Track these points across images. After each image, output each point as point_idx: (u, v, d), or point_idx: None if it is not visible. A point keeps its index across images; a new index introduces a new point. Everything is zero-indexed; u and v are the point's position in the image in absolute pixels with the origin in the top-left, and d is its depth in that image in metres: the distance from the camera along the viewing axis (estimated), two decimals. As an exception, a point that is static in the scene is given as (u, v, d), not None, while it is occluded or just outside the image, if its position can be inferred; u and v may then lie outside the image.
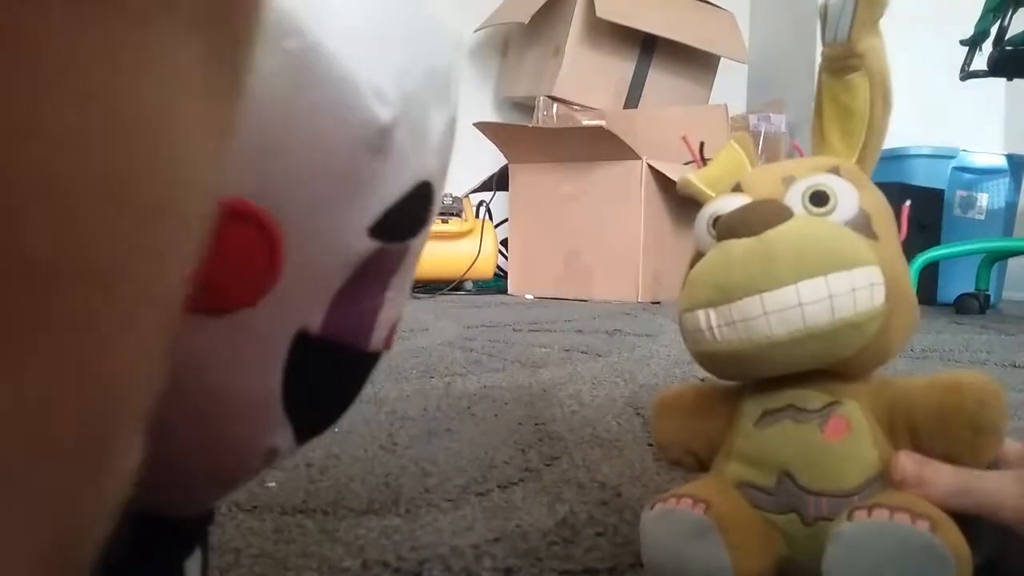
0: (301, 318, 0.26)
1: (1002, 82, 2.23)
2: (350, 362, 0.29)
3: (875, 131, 0.47)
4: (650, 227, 2.26)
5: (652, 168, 2.25)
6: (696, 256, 0.47)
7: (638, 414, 0.89)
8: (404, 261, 0.29)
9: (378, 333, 0.29)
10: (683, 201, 0.52)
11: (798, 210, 0.44)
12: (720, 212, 0.46)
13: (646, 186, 2.25)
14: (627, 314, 1.86)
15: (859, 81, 0.46)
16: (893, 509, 0.38)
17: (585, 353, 1.29)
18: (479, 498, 0.62)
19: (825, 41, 0.47)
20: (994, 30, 1.99)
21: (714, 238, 0.45)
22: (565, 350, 1.32)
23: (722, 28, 2.85)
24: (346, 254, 0.26)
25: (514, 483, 0.66)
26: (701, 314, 0.43)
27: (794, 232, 0.42)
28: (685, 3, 2.80)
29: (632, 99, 2.80)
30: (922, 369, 1.20)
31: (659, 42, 2.75)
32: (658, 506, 0.43)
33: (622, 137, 2.19)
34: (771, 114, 2.73)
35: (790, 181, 0.45)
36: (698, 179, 0.52)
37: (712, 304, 0.43)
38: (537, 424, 0.85)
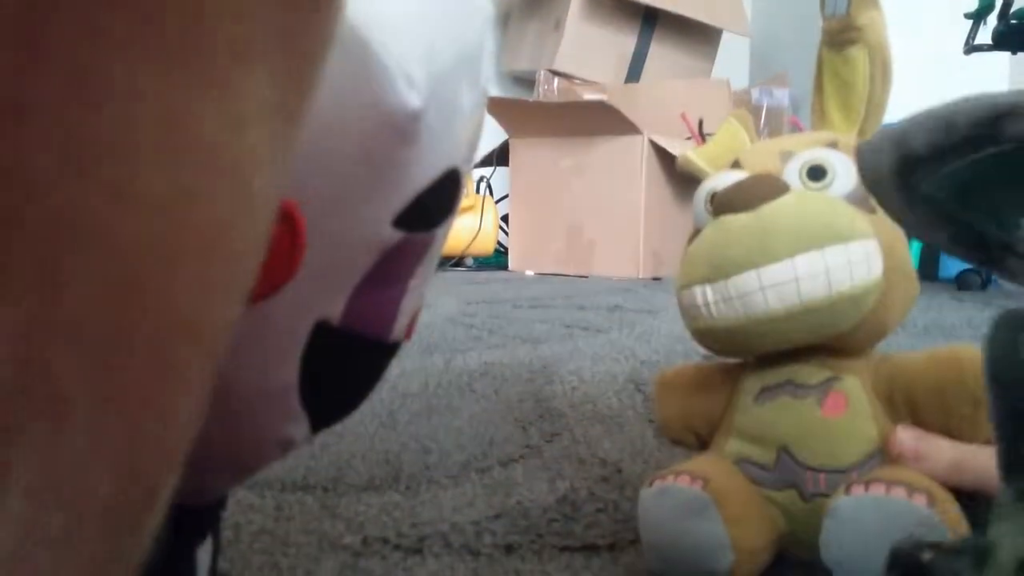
0: (321, 309, 0.26)
1: (1006, 56, 2.21)
2: (370, 353, 0.28)
3: (875, 105, 0.47)
4: (651, 203, 2.25)
5: (653, 143, 2.23)
6: (694, 233, 0.47)
7: (639, 390, 0.89)
8: (429, 250, 0.27)
9: (400, 323, 0.28)
10: (684, 176, 0.52)
11: (796, 185, 0.44)
12: (718, 188, 0.46)
13: (647, 161, 2.24)
14: (628, 290, 1.86)
15: (858, 55, 0.46)
16: (890, 484, 0.38)
17: (586, 329, 1.29)
18: (479, 475, 0.62)
19: (824, 15, 0.47)
20: (999, 3, 1.97)
21: (711, 214, 0.45)
22: (566, 326, 1.32)
23: (724, 1, 2.82)
24: (369, 244, 0.25)
25: (515, 460, 0.66)
26: (698, 290, 0.43)
27: (790, 206, 0.42)
28: (687, -24, 2.77)
29: (633, 73, 2.78)
30: (923, 345, 1.20)
31: (660, 15, 2.73)
32: (656, 483, 0.43)
33: (623, 112, 2.17)
34: (774, 88, 2.71)
35: (788, 156, 0.45)
36: (697, 156, 0.51)
37: (709, 280, 0.43)
38: (538, 400, 0.85)
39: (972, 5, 2.07)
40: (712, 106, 2.20)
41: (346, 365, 0.28)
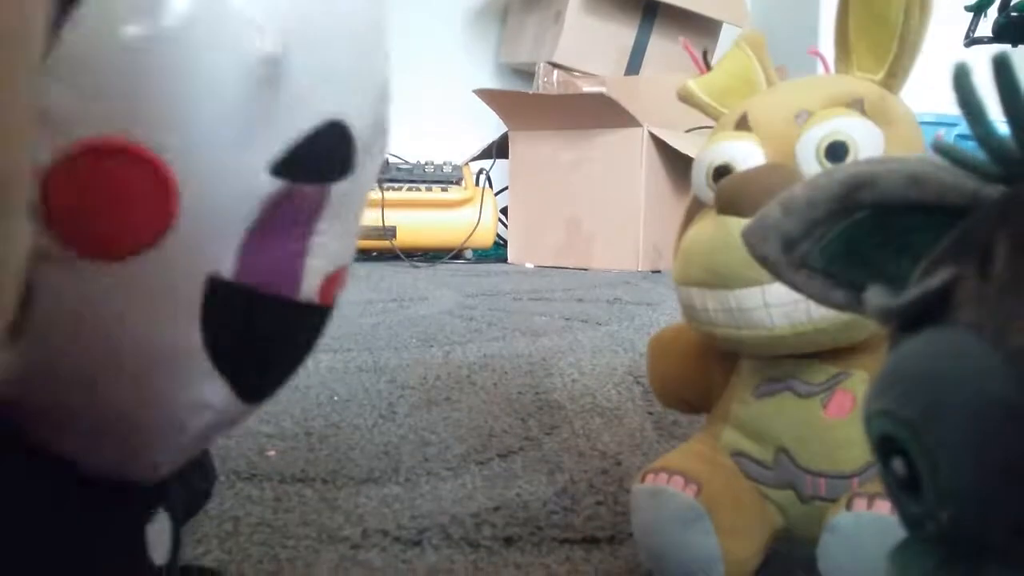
0: (209, 262, 0.26)
1: (1007, 48, 2.20)
2: (278, 312, 0.28)
3: (908, 45, 0.41)
4: (651, 195, 2.25)
5: (653, 135, 2.23)
6: (693, 204, 0.43)
7: (638, 383, 0.89)
8: (328, 205, 0.28)
9: (308, 282, 0.28)
10: (685, 169, 0.49)
11: (812, 166, 0.39)
12: (721, 161, 0.42)
13: (647, 153, 2.24)
14: (627, 283, 1.86)
15: None
16: None
17: (585, 322, 1.29)
18: (479, 467, 0.62)
19: None
20: (1000, -5, 1.96)
21: (713, 190, 0.41)
22: (565, 319, 1.32)
23: (724, -7, 2.81)
24: (248, 192, 0.26)
25: (514, 452, 0.66)
26: (696, 293, 0.41)
27: None
28: (687, -32, 2.76)
29: (633, 66, 2.77)
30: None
31: (661, 8, 2.72)
32: (649, 479, 0.42)
33: (623, 104, 2.17)
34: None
35: (805, 118, 0.40)
36: (701, 88, 0.46)
37: (708, 286, 0.40)
38: (537, 393, 0.85)
39: (973, -2, 2.06)
40: (712, 98, 2.18)
41: (254, 324, 0.28)
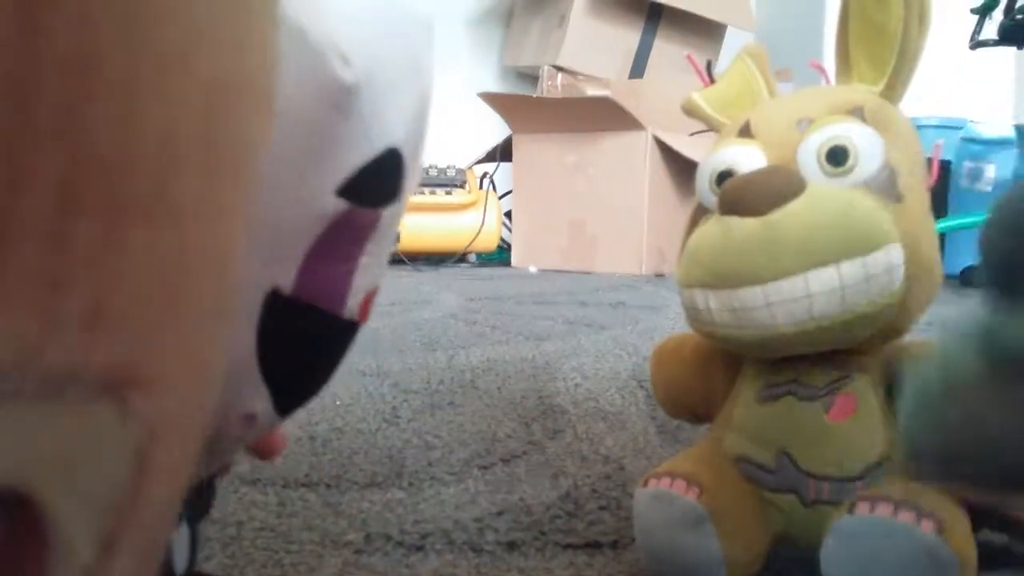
0: (273, 275, 0.27)
1: (1012, 51, 2.20)
2: (325, 328, 0.30)
3: (908, 55, 0.42)
4: (655, 198, 2.25)
5: (657, 139, 2.23)
6: (697, 210, 0.44)
7: (642, 387, 0.88)
8: (377, 228, 0.29)
9: (353, 299, 0.30)
10: (688, 172, 0.49)
11: (813, 170, 0.39)
12: (724, 167, 0.42)
13: (651, 157, 2.24)
14: (631, 287, 1.86)
15: None
16: (899, 505, 0.36)
17: (589, 326, 1.29)
18: (482, 471, 0.62)
19: None
20: (1004, -2, 1.96)
21: (716, 195, 0.41)
22: (569, 323, 1.32)
23: (728, -4, 2.81)
24: (315, 212, 0.27)
25: (517, 456, 0.66)
26: (699, 294, 0.41)
27: (803, 213, 0.38)
28: (691, -29, 2.76)
29: (637, 69, 2.77)
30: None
31: (665, 11, 2.72)
32: (652, 483, 0.42)
33: (627, 107, 2.17)
34: (778, 83, 2.70)
35: (806, 125, 0.41)
36: (705, 100, 0.47)
37: (711, 287, 0.40)
38: (540, 397, 0.85)
39: (978, 0, 2.06)
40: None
41: (303, 338, 0.29)
